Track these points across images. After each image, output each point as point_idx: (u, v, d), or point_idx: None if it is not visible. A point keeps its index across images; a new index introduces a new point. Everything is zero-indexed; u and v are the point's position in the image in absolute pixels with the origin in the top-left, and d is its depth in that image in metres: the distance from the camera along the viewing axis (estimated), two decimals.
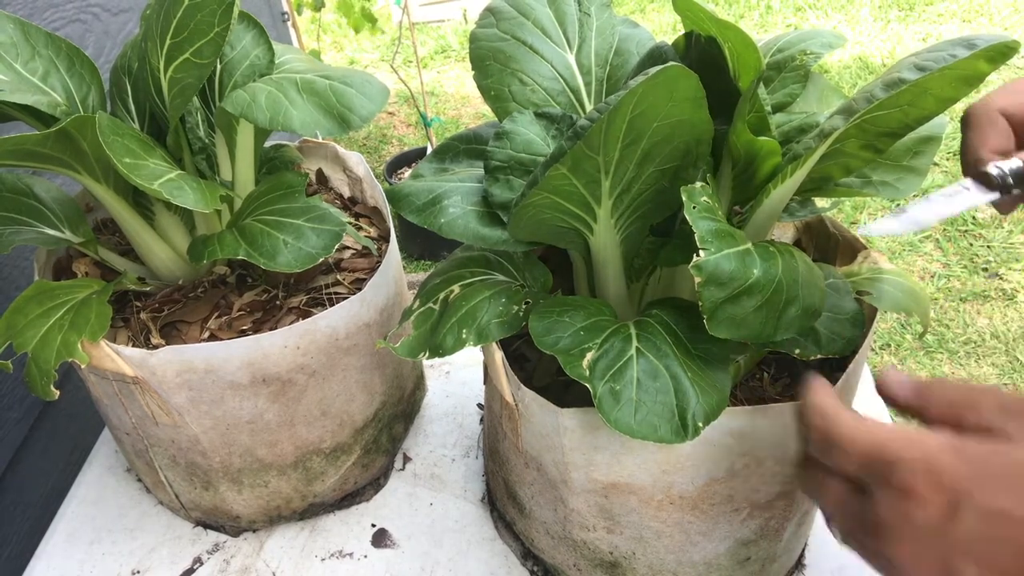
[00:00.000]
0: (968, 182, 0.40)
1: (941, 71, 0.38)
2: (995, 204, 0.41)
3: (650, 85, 0.37)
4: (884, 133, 0.44)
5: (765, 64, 0.51)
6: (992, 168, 0.38)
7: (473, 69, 0.55)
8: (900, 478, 0.31)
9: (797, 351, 0.48)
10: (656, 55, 0.51)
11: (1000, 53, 0.38)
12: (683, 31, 0.49)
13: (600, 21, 0.57)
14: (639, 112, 0.39)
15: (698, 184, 0.42)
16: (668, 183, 0.46)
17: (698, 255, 0.38)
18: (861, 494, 0.34)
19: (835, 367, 0.54)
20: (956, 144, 2.63)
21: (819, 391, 0.37)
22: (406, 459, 0.79)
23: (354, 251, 0.73)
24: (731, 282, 0.39)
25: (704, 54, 0.46)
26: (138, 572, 0.69)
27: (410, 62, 3.47)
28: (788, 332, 0.41)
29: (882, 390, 0.37)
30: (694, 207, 0.40)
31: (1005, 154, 0.39)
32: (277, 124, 0.57)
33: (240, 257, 0.56)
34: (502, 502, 0.67)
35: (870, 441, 0.33)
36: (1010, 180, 0.38)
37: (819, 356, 0.48)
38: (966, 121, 0.41)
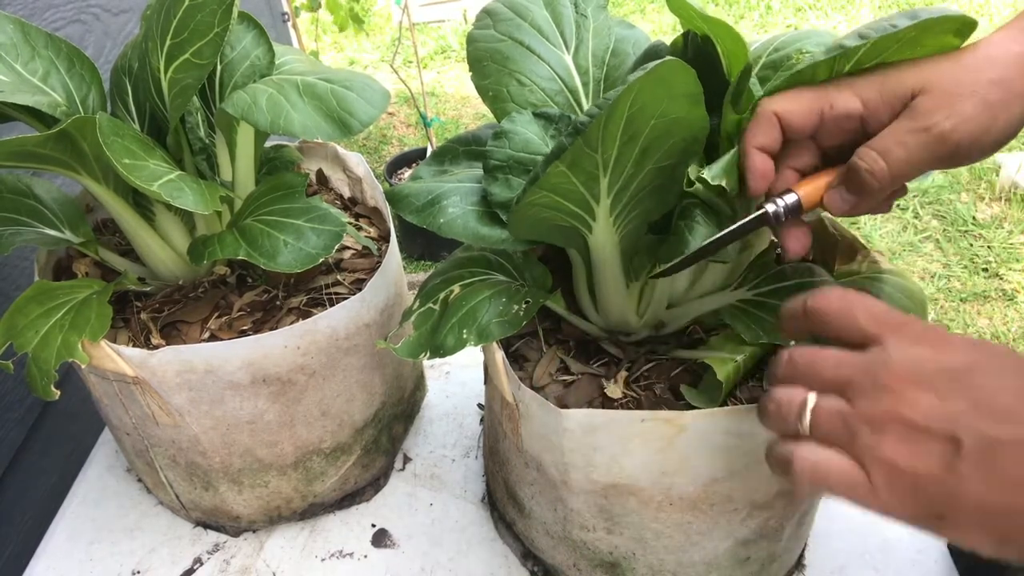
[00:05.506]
0: (768, 205, 0.43)
1: (896, 40, 0.39)
2: (775, 233, 0.44)
3: (647, 80, 0.37)
4: None
5: (762, 63, 0.52)
6: (769, 207, 0.42)
7: (471, 70, 0.55)
8: (915, 327, 0.36)
9: (792, 343, 0.48)
10: (652, 54, 0.51)
11: (964, 25, 0.39)
12: (682, 32, 0.49)
13: (597, 22, 0.57)
14: (637, 108, 0.39)
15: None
16: (666, 181, 0.46)
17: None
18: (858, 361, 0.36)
19: None
20: None
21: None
22: (406, 459, 0.79)
23: (354, 251, 0.73)
24: None
25: (700, 52, 0.47)
26: (138, 572, 0.69)
27: (410, 62, 3.47)
28: None
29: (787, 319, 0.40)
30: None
31: (770, 152, 0.42)
32: (278, 127, 0.57)
33: (240, 257, 0.56)
34: (502, 502, 0.67)
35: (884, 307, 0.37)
36: (783, 216, 0.42)
37: None
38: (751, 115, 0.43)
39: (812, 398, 0.36)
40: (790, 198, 0.42)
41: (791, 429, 0.37)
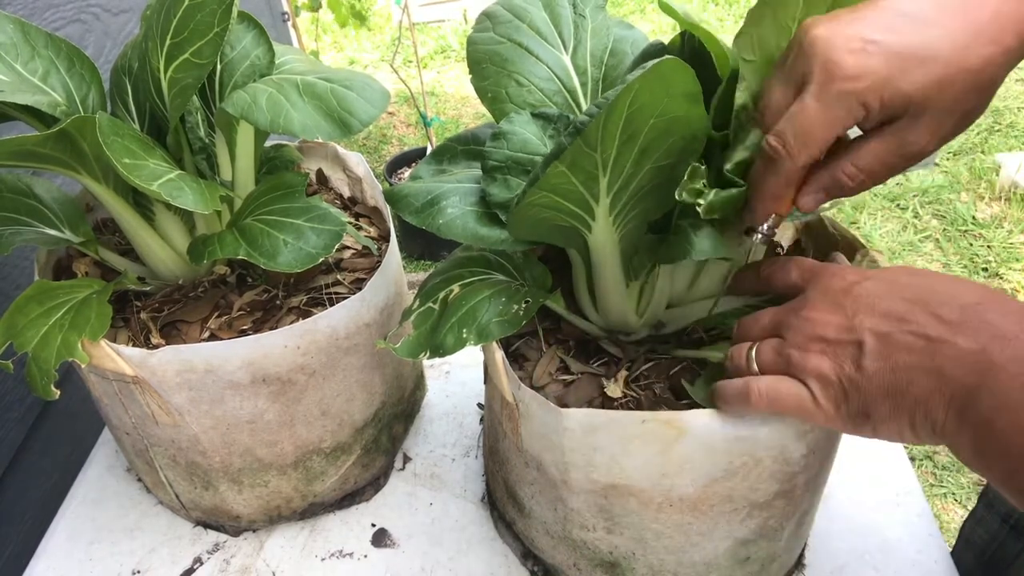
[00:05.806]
0: (757, 236, 0.47)
1: None
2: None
3: (647, 79, 0.37)
4: None
5: None
6: (757, 237, 0.47)
7: (470, 73, 0.56)
8: (831, 268, 0.45)
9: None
10: (650, 54, 0.51)
11: None
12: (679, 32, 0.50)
13: (595, 23, 0.57)
14: (636, 108, 0.39)
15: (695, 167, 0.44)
16: (665, 180, 0.46)
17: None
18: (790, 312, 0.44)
19: None
20: (955, 144, 2.63)
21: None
22: (406, 459, 0.79)
23: (354, 251, 0.73)
24: None
25: (696, 52, 0.47)
26: (138, 572, 0.69)
27: (410, 62, 3.47)
28: None
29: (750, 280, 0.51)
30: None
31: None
32: (278, 127, 0.57)
33: (240, 257, 0.56)
34: (502, 502, 0.67)
35: (813, 261, 0.47)
36: (768, 234, 0.47)
37: None
38: (767, 164, 0.44)
39: (757, 345, 0.45)
40: (770, 219, 0.46)
41: (744, 373, 0.44)
